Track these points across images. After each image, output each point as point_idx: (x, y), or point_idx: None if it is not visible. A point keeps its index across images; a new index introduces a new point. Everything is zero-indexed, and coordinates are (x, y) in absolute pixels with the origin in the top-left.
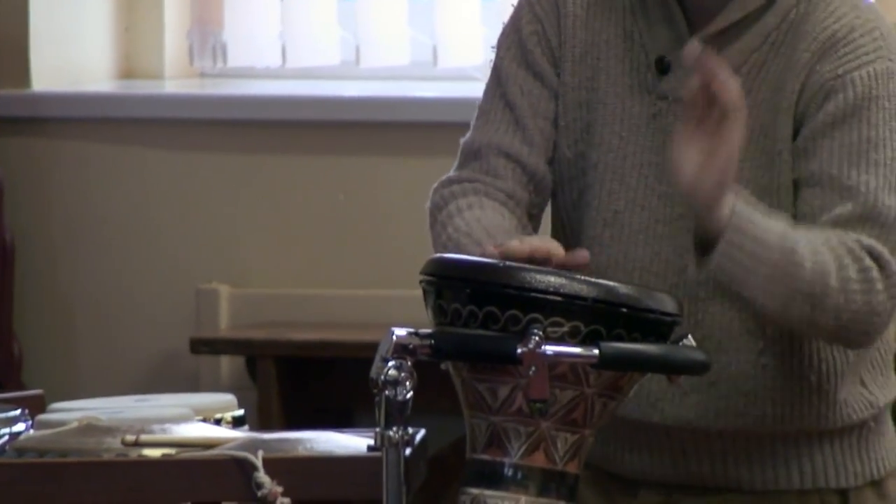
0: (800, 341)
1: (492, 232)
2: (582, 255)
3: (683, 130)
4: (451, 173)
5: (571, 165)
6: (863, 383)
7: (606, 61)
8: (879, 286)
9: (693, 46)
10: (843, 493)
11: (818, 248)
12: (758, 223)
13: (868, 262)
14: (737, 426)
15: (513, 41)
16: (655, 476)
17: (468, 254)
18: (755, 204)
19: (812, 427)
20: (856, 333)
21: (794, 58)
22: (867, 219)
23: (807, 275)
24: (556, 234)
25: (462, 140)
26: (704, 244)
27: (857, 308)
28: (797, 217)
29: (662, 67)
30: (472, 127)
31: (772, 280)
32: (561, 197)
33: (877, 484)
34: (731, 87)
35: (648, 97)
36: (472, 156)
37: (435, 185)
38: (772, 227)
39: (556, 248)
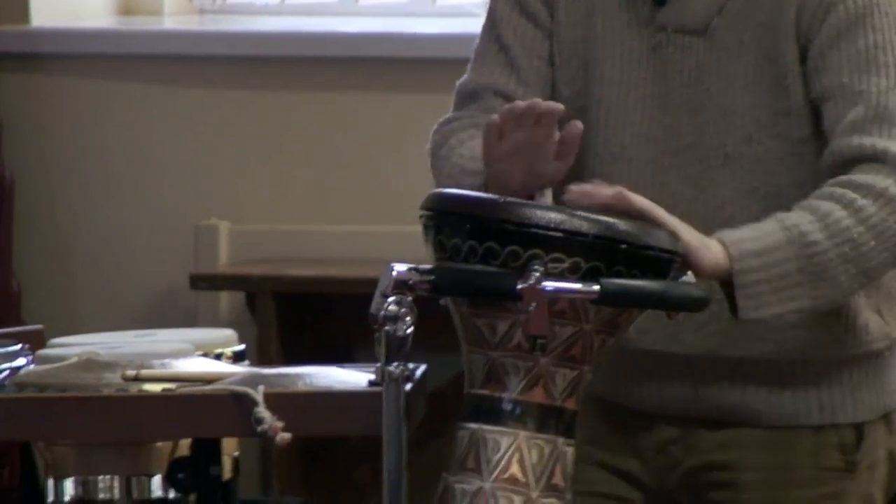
0: None
1: None
2: (576, 125)
3: None
4: (449, 114)
5: (570, 103)
6: (879, 312)
7: None
8: None
9: (573, 192)
10: (857, 428)
11: (822, 211)
12: (751, 236)
13: (880, 181)
14: (758, 353)
15: None
16: (672, 409)
17: (472, 175)
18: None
19: (832, 354)
20: None
21: None
22: (880, 119)
23: (827, 246)
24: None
25: (458, 82)
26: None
27: None
28: (824, 134)
29: None
30: (468, 69)
31: (802, 278)
32: None
33: (887, 417)
34: (640, 204)
35: (646, 30)
36: (468, 97)
37: (434, 126)
38: (765, 229)
39: (553, 104)
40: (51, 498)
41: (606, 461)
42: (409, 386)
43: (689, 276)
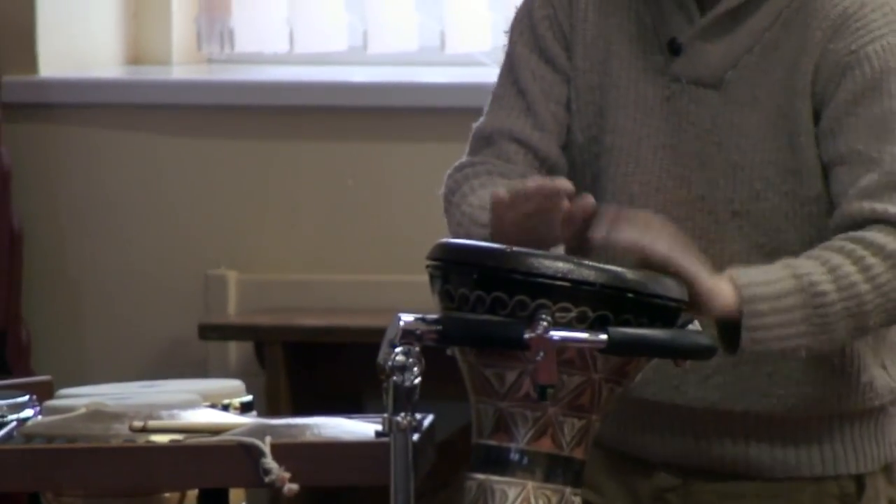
0: None
1: None
2: (588, 200)
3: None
4: (464, 159)
5: (584, 150)
6: (884, 367)
7: (619, 45)
8: None
9: (598, 234)
10: (858, 479)
11: (833, 264)
12: (762, 280)
13: (891, 243)
14: (760, 408)
15: (525, 26)
16: (673, 458)
17: (484, 227)
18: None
19: (834, 410)
20: None
21: (806, 36)
22: (893, 186)
23: (835, 299)
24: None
25: (474, 125)
26: (722, 324)
27: None
28: (832, 197)
29: (674, 49)
30: (484, 112)
31: (807, 328)
32: (575, 182)
33: (888, 468)
34: (648, 242)
35: (661, 79)
36: (484, 141)
37: (449, 171)
38: (777, 275)
39: (563, 183)
40: None
41: None
42: (416, 436)
43: (696, 325)
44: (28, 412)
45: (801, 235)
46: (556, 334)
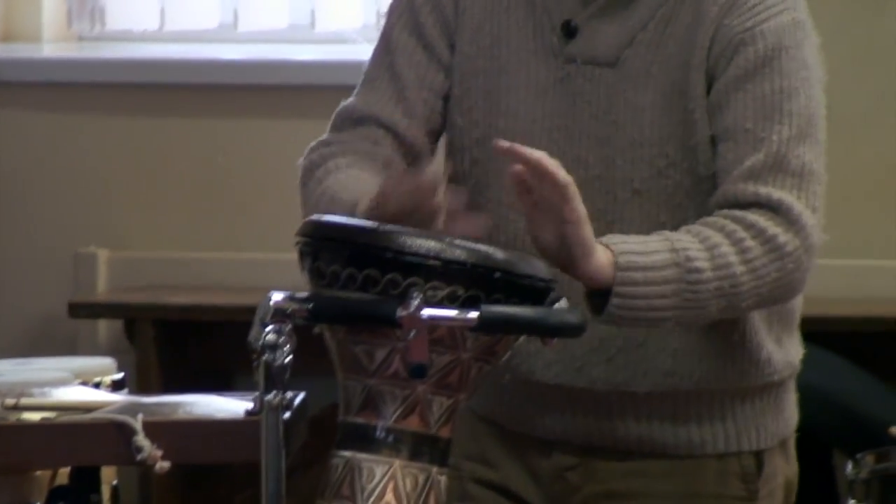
0: None
1: (369, 191)
2: (461, 195)
3: (528, 218)
4: (328, 135)
5: (465, 133)
6: (780, 342)
7: (507, 28)
8: (790, 246)
9: (500, 142)
10: (758, 456)
11: (711, 242)
12: (639, 250)
13: (770, 228)
14: (664, 387)
15: (405, 9)
16: (574, 438)
17: (342, 206)
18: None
19: (736, 386)
20: (782, 297)
21: (701, 11)
22: (778, 169)
23: (710, 276)
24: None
25: (343, 103)
26: (593, 293)
27: (774, 278)
28: (716, 172)
29: (569, 31)
30: (356, 91)
31: (677, 301)
32: (453, 165)
33: (784, 445)
34: (550, 166)
35: (555, 61)
36: (350, 121)
37: (312, 144)
38: (654, 245)
39: (429, 177)
40: None
41: (499, 482)
42: (287, 414)
43: (563, 303)
44: None
45: (701, 212)
46: (428, 312)
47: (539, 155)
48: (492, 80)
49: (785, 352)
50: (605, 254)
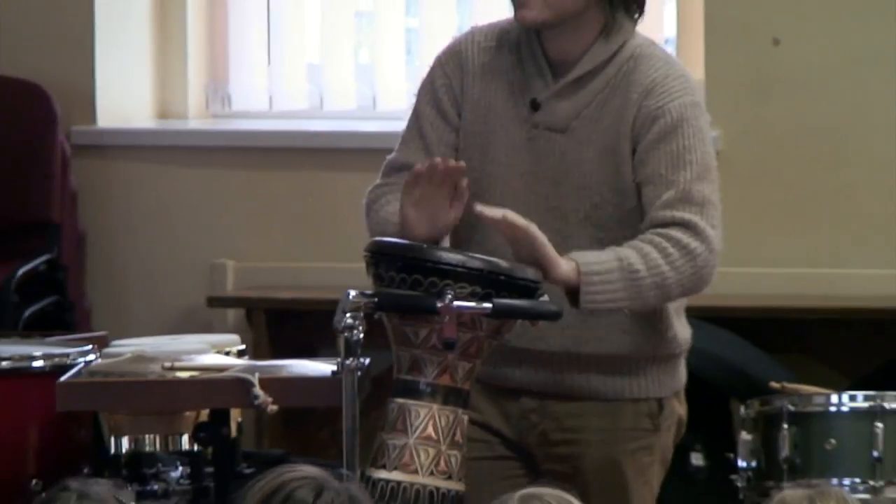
0: None
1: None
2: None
3: (510, 245)
4: (379, 180)
5: (468, 176)
6: (682, 325)
7: (496, 103)
8: (699, 250)
9: (478, 208)
10: (660, 401)
11: (645, 252)
12: (595, 261)
13: (684, 239)
14: (600, 350)
15: (428, 90)
16: (535, 387)
17: (392, 227)
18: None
19: (650, 353)
20: (698, 287)
21: (628, 96)
22: (685, 200)
23: (646, 275)
24: (462, 224)
25: (388, 157)
26: (569, 293)
27: (690, 273)
28: (643, 207)
29: (535, 105)
30: (396, 148)
31: (626, 294)
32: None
33: (678, 394)
34: (516, 220)
35: (525, 126)
36: (394, 169)
37: (370, 187)
38: (606, 257)
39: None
40: (112, 451)
41: (483, 421)
42: (359, 374)
43: (546, 298)
44: (91, 357)
45: (625, 233)
46: (458, 304)
47: (503, 213)
48: (484, 138)
49: (685, 331)
50: (570, 265)
